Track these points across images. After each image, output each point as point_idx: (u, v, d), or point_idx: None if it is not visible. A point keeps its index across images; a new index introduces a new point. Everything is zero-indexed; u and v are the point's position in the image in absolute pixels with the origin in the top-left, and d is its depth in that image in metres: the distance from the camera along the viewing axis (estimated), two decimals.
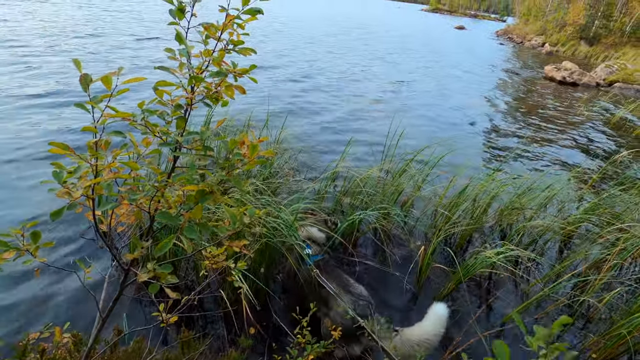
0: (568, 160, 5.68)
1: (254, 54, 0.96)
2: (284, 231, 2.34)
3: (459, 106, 7.99)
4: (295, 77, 8.52)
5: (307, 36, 16.15)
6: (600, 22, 24.78)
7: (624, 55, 20.68)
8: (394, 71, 11.08)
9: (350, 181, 3.37)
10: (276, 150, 3.71)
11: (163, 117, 0.88)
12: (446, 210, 3.29)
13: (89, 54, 7.82)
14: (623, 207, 3.75)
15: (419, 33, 27.32)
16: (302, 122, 5.72)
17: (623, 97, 11.57)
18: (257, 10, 0.88)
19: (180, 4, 0.88)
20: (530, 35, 29.91)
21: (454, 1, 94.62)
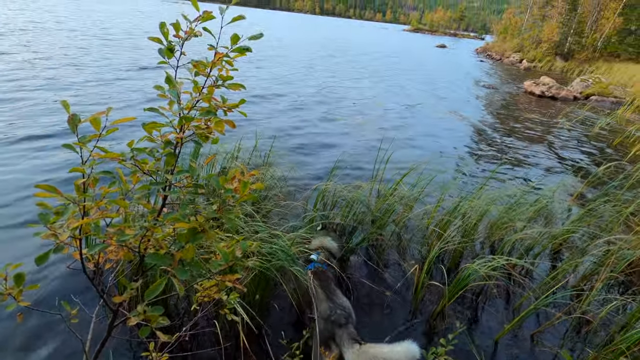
0: (553, 172, 5.82)
1: (243, 89, 0.98)
2: (280, 255, 2.32)
3: (446, 122, 8.17)
4: (281, 98, 8.63)
5: (297, 59, 16.47)
6: (573, 39, 26.01)
7: (598, 69, 21.64)
8: (381, 89, 11.31)
9: (341, 200, 3.38)
10: (265, 172, 3.71)
11: (153, 154, 0.88)
12: (438, 228, 3.32)
13: (85, 84, 7.79)
14: (608, 218, 3.83)
15: (404, 52, 28.13)
16: (290, 141, 5.76)
17: (600, 109, 12.03)
18: (246, 49, 0.90)
19: (170, 43, 0.89)
20: (509, 52, 31.11)
21: (434, 21, 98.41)
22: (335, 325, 1.96)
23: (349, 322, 2.01)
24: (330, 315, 1.99)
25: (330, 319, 1.98)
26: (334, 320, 1.97)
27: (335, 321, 1.97)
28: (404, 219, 3.48)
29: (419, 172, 4.36)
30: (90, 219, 0.83)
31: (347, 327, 1.97)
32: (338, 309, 2.03)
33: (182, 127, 0.84)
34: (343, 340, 1.89)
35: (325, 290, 2.15)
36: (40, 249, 2.74)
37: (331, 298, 2.11)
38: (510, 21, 39.13)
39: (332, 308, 2.03)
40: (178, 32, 0.88)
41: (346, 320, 1.99)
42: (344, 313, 2.02)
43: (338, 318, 1.98)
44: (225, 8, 0.89)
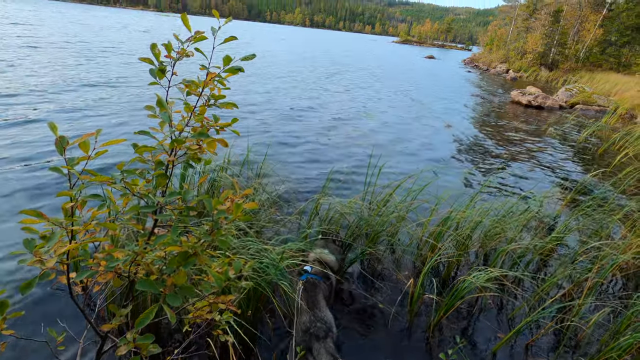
0: (542, 180, 5.91)
1: (236, 108, 0.97)
2: (270, 271, 2.29)
3: (436, 132, 8.27)
4: (273, 111, 8.66)
5: (285, 70, 16.60)
6: (556, 50, 26.78)
7: (581, 79, 22.25)
8: (372, 100, 11.43)
9: (334, 213, 3.37)
10: (257, 185, 3.69)
11: (143, 176, 0.86)
12: (431, 239, 3.33)
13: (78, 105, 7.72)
14: (596, 225, 3.89)
15: (394, 64, 28.57)
16: (282, 153, 5.76)
17: (585, 117, 12.32)
18: (238, 69, 0.90)
19: (161, 64, 0.89)
20: (495, 63, 31.86)
21: (422, 33, 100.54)
22: (314, 338, 1.94)
23: (329, 336, 1.99)
24: (309, 328, 1.97)
25: (309, 331, 1.97)
26: (312, 333, 1.95)
27: (314, 334, 1.95)
28: (398, 230, 3.48)
29: (411, 183, 4.39)
30: (78, 244, 0.81)
31: (326, 341, 1.95)
32: (318, 322, 2.01)
33: (173, 149, 0.83)
34: (320, 355, 1.88)
35: (309, 302, 2.13)
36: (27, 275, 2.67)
37: (313, 310, 2.08)
38: (496, 33, 40.24)
39: (313, 321, 2.01)
40: (170, 52, 0.88)
41: (325, 334, 1.97)
42: (324, 327, 2.01)
43: (317, 331, 1.97)
44: (217, 29, 0.89)
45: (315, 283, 2.33)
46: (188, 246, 0.75)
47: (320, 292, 2.29)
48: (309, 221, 3.45)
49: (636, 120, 12.40)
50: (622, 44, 26.87)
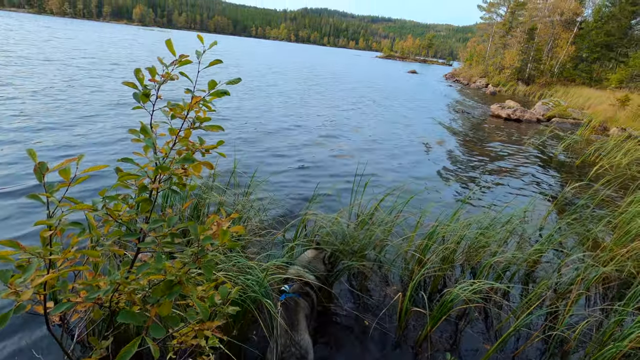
0: (522, 193, 6.06)
1: (222, 130, 0.97)
2: (255, 288, 2.25)
3: (420, 146, 8.42)
4: (259, 126, 8.67)
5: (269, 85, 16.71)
6: (532, 65, 27.91)
7: (556, 93, 23.18)
8: (357, 115, 11.58)
9: (320, 228, 3.36)
10: (245, 203, 3.66)
11: (126, 201, 0.84)
12: (418, 253, 3.35)
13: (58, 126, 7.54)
14: (577, 237, 4.00)
15: (378, 79, 29.15)
16: (269, 168, 5.74)
17: (561, 130, 12.79)
18: (224, 92, 0.90)
19: (145, 87, 0.88)
20: (475, 78, 32.92)
21: (405, 48, 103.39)
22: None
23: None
24: (282, 352, 1.88)
25: (281, 356, 1.87)
26: (284, 359, 1.86)
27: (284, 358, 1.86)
28: (384, 244, 3.49)
29: (396, 197, 4.43)
30: (56, 273, 0.78)
31: None
32: (293, 347, 1.91)
33: (157, 176, 0.82)
34: None
35: (288, 323, 2.03)
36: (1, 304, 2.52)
37: (291, 332, 1.98)
38: (475, 49, 41.74)
39: (287, 345, 1.92)
40: (154, 76, 0.87)
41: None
42: (298, 352, 1.90)
43: (289, 357, 1.87)
44: (202, 52, 0.89)
45: (296, 301, 2.25)
46: (172, 274, 0.73)
47: (301, 312, 2.20)
48: (295, 237, 3.43)
49: (609, 133, 12.94)
50: (593, 60, 28.25)
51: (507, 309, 3.15)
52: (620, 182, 6.81)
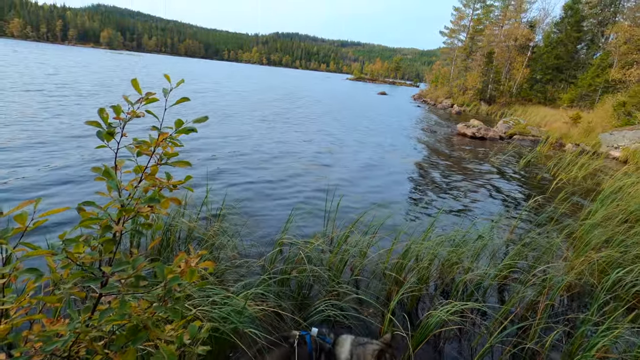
0: (490, 207, 6.30)
1: (189, 166, 0.97)
2: (234, 318, 2.18)
3: (391, 166, 8.64)
4: (233, 149, 8.61)
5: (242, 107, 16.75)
6: (492, 86, 29.69)
7: (516, 112, 24.68)
8: (329, 136, 11.77)
9: (295, 253, 3.33)
10: (217, 230, 3.58)
11: (88, 243, 0.81)
12: (393, 272, 3.38)
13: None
14: (541, 249, 4.19)
15: (349, 101, 29.92)
16: (243, 194, 5.68)
17: (522, 147, 13.55)
18: (191, 129, 0.91)
19: (110, 126, 0.87)
20: (441, 98, 34.53)
21: (374, 71, 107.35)
22: None
23: None
24: None
25: None
26: None
27: None
28: (361, 266, 3.50)
29: (370, 218, 4.49)
30: (8, 324, 0.73)
31: None
32: None
33: (121, 218, 0.80)
34: None
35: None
36: None
37: None
38: (440, 71, 44.01)
39: None
40: (119, 115, 0.87)
41: None
42: None
43: None
44: (169, 90, 0.90)
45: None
46: (137, 320, 0.71)
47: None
48: (271, 262, 3.37)
49: (565, 148, 13.85)
50: (546, 81, 30.51)
51: (482, 326, 3.21)
52: (578, 194, 7.25)
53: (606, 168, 10.36)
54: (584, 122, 15.95)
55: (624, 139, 12.88)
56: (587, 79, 23.33)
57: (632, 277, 3.42)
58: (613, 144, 13.09)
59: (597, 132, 14.74)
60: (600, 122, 15.95)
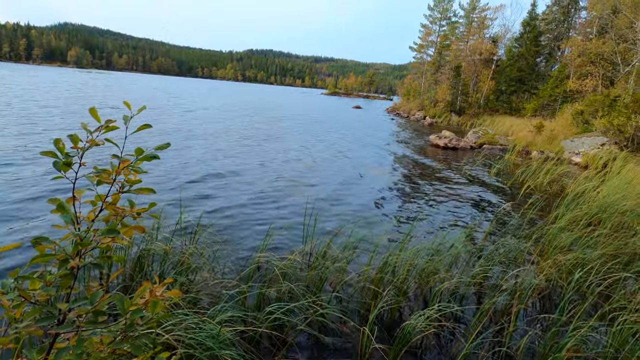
0: (464, 215, 6.48)
1: (153, 193, 0.95)
2: (209, 343, 2.11)
3: (368, 178, 8.75)
4: (205, 166, 8.49)
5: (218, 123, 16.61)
6: (461, 98, 30.92)
7: (484, 122, 25.75)
8: (306, 149, 11.83)
9: (273, 271, 3.29)
10: (192, 250, 3.49)
11: (44, 278, 0.78)
12: (373, 285, 3.39)
13: None
14: (513, 254, 4.33)
15: (326, 114, 30.28)
16: (218, 211, 5.58)
17: (492, 155, 14.10)
18: (153, 156, 0.90)
19: (67, 155, 0.85)
20: (414, 111, 35.57)
21: (348, 85, 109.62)
22: None
23: None
24: None
25: None
26: None
27: None
28: (340, 280, 3.50)
29: (348, 231, 4.52)
30: None
31: None
32: None
33: (79, 251, 0.77)
34: None
35: None
36: None
37: None
38: (411, 85, 45.49)
39: None
40: (77, 144, 0.85)
41: None
42: None
43: None
44: (130, 117, 0.89)
45: None
46: (97, 358, 0.68)
47: None
48: (248, 282, 3.31)
49: (531, 156, 14.52)
50: (511, 92, 32.13)
51: (460, 333, 3.26)
52: (545, 200, 7.58)
53: (570, 173, 10.93)
54: (547, 130, 16.83)
55: (584, 145, 13.67)
56: (548, 90, 24.76)
57: (594, 277, 3.59)
58: (574, 150, 13.86)
59: (560, 139, 15.58)
60: (562, 130, 16.89)
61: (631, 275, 3.86)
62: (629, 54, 18.25)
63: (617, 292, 3.48)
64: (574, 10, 30.92)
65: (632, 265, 4.17)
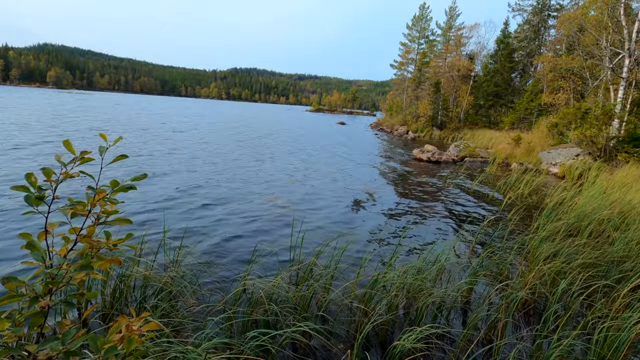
0: (449, 230, 6.56)
1: (130, 224, 0.94)
2: None
3: (353, 193, 8.80)
4: (189, 186, 8.38)
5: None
6: (442, 113, 31.78)
7: (465, 136, 26.44)
8: (291, 167, 11.84)
9: (259, 293, 3.22)
10: (174, 274, 3.40)
11: (13, 319, 0.75)
12: (362, 305, 3.37)
13: None
14: (497, 267, 4.39)
15: (311, 130, 30.52)
16: (202, 232, 5.48)
17: (474, 168, 14.43)
18: (130, 187, 0.89)
19: (40, 188, 0.83)
20: (397, 126, 36.27)
21: (332, 102, 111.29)
22: None
23: None
24: None
25: None
26: None
27: None
28: (327, 300, 3.45)
29: (334, 249, 4.50)
30: None
31: None
32: None
33: (50, 290, 0.75)
34: None
35: None
36: None
37: None
38: (393, 101, 46.55)
39: None
40: (50, 177, 0.84)
41: None
42: None
43: None
44: (106, 148, 0.89)
45: None
46: None
47: None
48: (234, 305, 3.23)
49: (511, 167, 14.92)
50: (489, 106, 33.26)
51: (451, 351, 3.25)
52: (526, 210, 7.77)
53: (548, 183, 11.27)
54: (524, 142, 17.40)
55: (560, 156, 14.17)
56: (524, 104, 25.74)
57: (576, 287, 3.67)
58: (551, 161, 14.33)
59: (537, 151, 16.11)
60: (539, 142, 17.49)
61: (610, 283, 3.97)
62: (597, 69, 19.25)
63: (598, 301, 3.56)
64: (543, 29, 32.61)
65: (610, 272, 4.28)
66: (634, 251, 4.69)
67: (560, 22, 23.98)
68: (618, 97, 14.51)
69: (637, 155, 12.37)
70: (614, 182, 9.10)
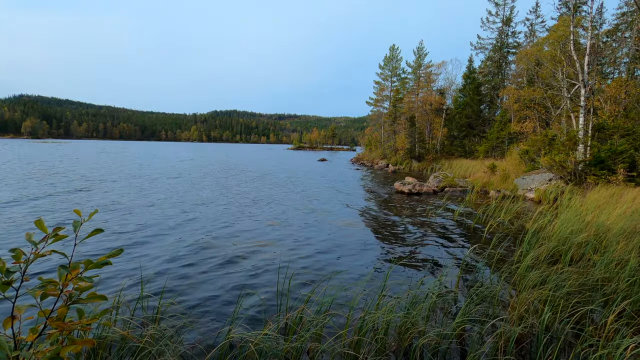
0: (434, 261, 6.55)
1: (105, 300, 0.91)
2: None
3: (338, 230, 8.75)
4: (169, 235, 8.15)
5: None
6: (419, 145, 32.85)
7: (443, 166, 27.24)
8: (278, 206, 11.76)
9: (247, 348, 3.07)
10: (154, 333, 3.21)
11: None
12: (352, 350, 3.24)
13: None
14: (487, 300, 4.37)
15: (293, 169, 30.77)
16: (182, 284, 5.26)
17: (454, 198, 14.75)
18: (104, 263, 0.87)
19: (8, 271, 0.80)
20: (377, 160, 37.10)
21: (312, 139, 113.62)
22: None
23: None
24: None
25: None
26: None
27: None
28: (318, 351, 3.32)
29: (322, 294, 4.39)
30: None
31: None
32: None
33: None
34: None
35: None
36: None
37: None
38: (372, 136, 47.99)
39: None
40: (19, 259, 0.81)
41: None
42: None
43: None
44: (80, 224, 0.87)
45: None
46: None
47: None
48: None
49: (489, 195, 15.34)
50: (462, 137, 34.73)
51: None
52: (508, 238, 7.90)
53: (526, 209, 11.60)
54: (499, 169, 18.06)
55: (534, 182, 14.72)
56: (495, 133, 27.02)
57: (563, 314, 3.68)
58: (527, 186, 14.85)
59: (512, 177, 16.71)
60: (513, 169, 18.19)
61: (596, 308, 4.00)
62: (557, 99, 20.65)
63: (587, 328, 3.56)
64: (504, 64, 35.14)
65: (595, 295, 4.33)
66: (614, 272, 4.80)
67: (519, 58, 25.96)
68: (580, 123, 15.49)
69: (604, 177, 13.01)
70: (587, 204, 9.45)
